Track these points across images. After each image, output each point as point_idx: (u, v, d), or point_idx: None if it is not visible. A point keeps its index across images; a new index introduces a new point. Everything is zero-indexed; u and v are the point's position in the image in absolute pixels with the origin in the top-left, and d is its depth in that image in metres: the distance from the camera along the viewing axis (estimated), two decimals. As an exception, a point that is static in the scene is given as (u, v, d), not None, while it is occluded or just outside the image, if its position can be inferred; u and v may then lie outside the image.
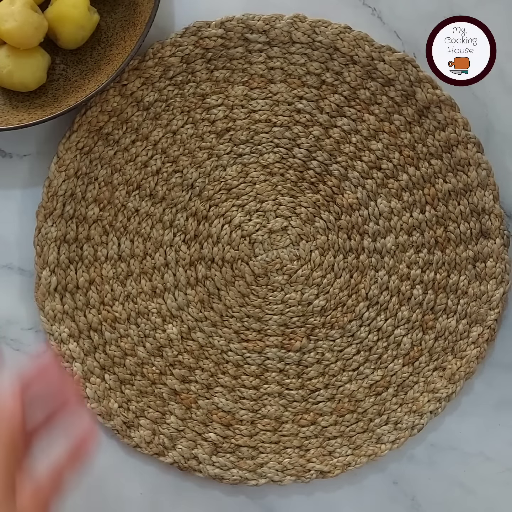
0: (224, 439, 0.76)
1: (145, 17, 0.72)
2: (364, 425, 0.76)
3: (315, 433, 0.76)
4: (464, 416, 0.77)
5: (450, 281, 0.76)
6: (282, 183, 0.77)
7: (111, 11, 0.76)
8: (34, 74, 0.73)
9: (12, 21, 0.70)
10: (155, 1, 0.71)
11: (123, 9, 0.75)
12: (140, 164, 0.76)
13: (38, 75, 0.73)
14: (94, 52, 0.75)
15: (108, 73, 0.73)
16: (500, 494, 0.78)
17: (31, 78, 0.73)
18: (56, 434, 0.61)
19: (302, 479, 0.76)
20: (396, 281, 0.76)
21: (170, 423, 0.76)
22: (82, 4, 0.72)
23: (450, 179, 0.75)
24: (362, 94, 0.75)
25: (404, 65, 0.74)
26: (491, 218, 0.75)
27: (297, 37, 0.75)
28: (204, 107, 0.76)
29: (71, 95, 0.74)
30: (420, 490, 0.78)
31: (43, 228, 0.75)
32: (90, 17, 0.73)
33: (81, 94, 0.73)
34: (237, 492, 0.77)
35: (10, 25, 0.70)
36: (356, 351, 0.77)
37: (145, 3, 0.73)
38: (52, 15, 0.73)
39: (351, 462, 0.76)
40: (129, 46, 0.73)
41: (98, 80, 0.73)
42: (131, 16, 0.74)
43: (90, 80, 0.74)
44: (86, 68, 0.75)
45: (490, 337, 0.76)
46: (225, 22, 0.75)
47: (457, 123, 0.74)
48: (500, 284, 0.76)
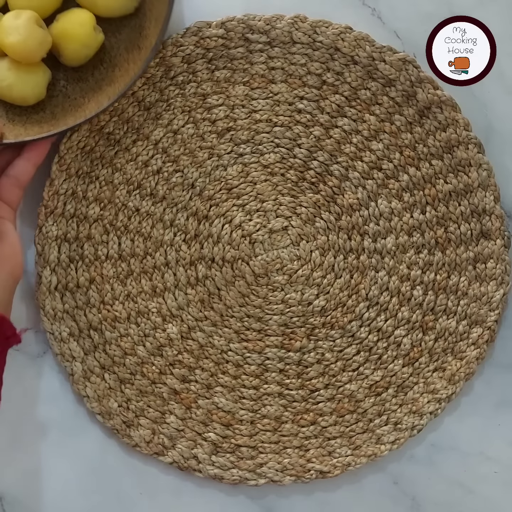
0: (224, 439, 0.76)
1: (150, 41, 0.72)
2: (364, 425, 0.76)
3: (315, 433, 0.76)
4: (464, 417, 0.77)
5: (450, 282, 0.76)
6: (282, 183, 0.77)
7: (116, 32, 0.75)
8: (34, 89, 0.72)
9: (16, 34, 0.70)
10: (162, 26, 0.71)
11: (128, 30, 0.75)
12: (141, 164, 0.76)
13: (38, 90, 0.73)
14: (96, 71, 0.75)
15: (109, 95, 0.72)
16: (500, 494, 0.78)
17: (31, 93, 0.73)
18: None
19: (302, 479, 0.76)
20: (396, 281, 0.76)
21: (170, 423, 0.76)
22: (88, 22, 0.72)
23: (450, 179, 0.75)
24: (363, 94, 0.75)
25: (405, 66, 0.74)
26: (491, 219, 0.75)
27: (298, 37, 0.75)
28: (205, 107, 0.76)
29: (69, 114, 0.73)
30: (420, 490, 0.78)
31: (44, 227, 0.75)
32: (95, 36, 0.73)
33: (80, 113, 0.73)
34: (237, 492, 0.77)
35: (14, 39, 0.70)
36: (356, 351, 0.77)
37: (151, 27, 0.72)
38: (57, 32, 0.72)
39: (350, 463, 0.76)
40: (132, 69, 0.72)
41: (98, 101, 0.73)
42: (137, 38, 0.74)
43: (90, 100, 0.73)
44: (86, 87, 0.74)
45: (490, 338, 0.76)
46: (226, 22, 0.75)
47: (458, 123, 0.74)
48: (500, 285, 0.75)
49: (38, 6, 0.72)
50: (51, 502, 0.76)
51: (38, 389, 0.77)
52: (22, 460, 0.77)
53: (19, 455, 0.77)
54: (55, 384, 0.77)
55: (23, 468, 0.77)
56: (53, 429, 0.77)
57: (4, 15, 0.71)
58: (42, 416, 0.77)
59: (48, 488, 0.77)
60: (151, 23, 0.73)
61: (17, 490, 0.77)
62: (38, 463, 0.77)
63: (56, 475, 0.76)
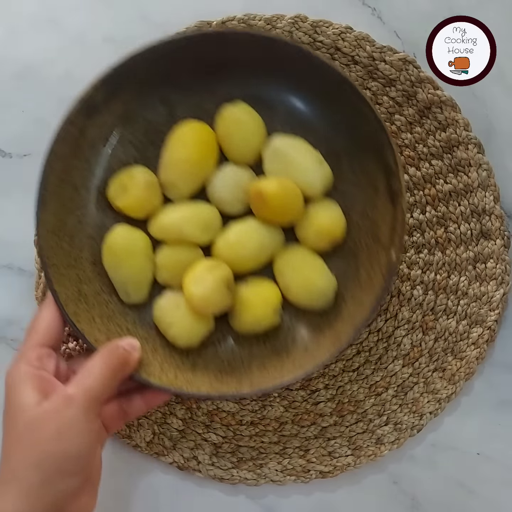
0: (224, 439, 0.76)
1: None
2: (364, 425, 0.76)
3: (315, 433, 0.76)
4: (464, 416, 0.77)
5: (450, 281, 0.76)
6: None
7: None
8: (191, 337, 0.70)
9: (202, 288, 0.67)
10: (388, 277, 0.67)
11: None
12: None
13: (194, 339, 0.71)
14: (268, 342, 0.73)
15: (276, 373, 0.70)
16: (500, 494, 0.78)
17: (185, 339, 0.70)
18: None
19: (302, 479, 0.76)
20: (396, 281, 0.76)
21: (171, 423, 0.76)
22: (273, 303, 0.70)
23: (450, 179, 0.75)
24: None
25: (405, 66, 0.74)
26: (491, 219, 0.75)
27: (298, 37, 0.75)
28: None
29: (234, 373, 0.71)
30: (420, 490, 0.78)
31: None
32: (271, 318, 0.71)
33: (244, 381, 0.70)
34: (237, 492, 0.77)
35: (197, 291, 0.68)
36: (356, 351, 0.77)
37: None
38: (239, 295, 0.70)
39: (351, 463, 0.76)
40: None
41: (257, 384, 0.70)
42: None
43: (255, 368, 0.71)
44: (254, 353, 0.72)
45: (490, 338, 0.76)
46: (226, 22, 0.75)
47: (458, 123, 0.74)
48: (500, 285, 0.75)
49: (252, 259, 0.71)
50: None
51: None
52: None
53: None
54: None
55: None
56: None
57: (201, 261, 0.70)
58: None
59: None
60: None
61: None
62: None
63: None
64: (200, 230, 0.70)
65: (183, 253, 0.70)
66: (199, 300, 0.68)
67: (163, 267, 0.71)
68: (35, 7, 0.76)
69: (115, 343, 0.65)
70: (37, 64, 0.76)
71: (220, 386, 0.69)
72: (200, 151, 0.70)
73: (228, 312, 0.71)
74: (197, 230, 0.70)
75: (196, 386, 0.69)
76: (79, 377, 0.62)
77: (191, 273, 0.69)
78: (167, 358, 0.70)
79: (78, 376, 0.62)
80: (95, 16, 0.76)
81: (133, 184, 0.70)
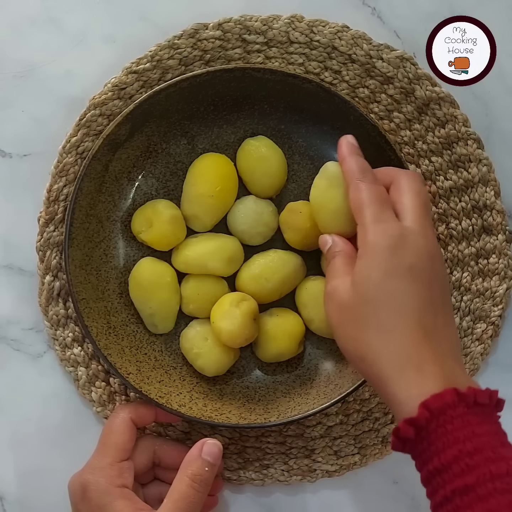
0: (230, 441, 0.75)
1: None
2: (370, 423, 0.76)
3: (321, 433, 0.76)
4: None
5: (453, 278, 0.76)
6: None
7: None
8: (219, 367, 0.72)
9: (230, 323, 0.69)
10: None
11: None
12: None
13: (222, 369, 0.72)
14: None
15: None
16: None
17: (213, 369, 0.72)
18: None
19: (308, 479, 0.75)
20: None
21: (176, 425, 0.75)
22: (297, 336, 0.72)
23: (451, 176, 0.76)
24: (361, 92, 0.76)
25: (403, 63, 0.75)
26: (493, 214, 0.75)
27: (295, 37, 0.75)
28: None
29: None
30: (420, 490, 0.77)
31: (45, 233, 0.74)
32: (295, 349, 0.73)
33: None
34: (241, 491, 0.77)
35: (226, 326, 0.69)
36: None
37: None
38: (263, 326, 0.72)
39: (357, 461, 0.76)
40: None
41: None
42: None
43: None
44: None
45: (494, 333, 0.76)
46: (222, 23, 0.75)
47: (457, 119, 0.75)
48: (503, 280, 0.76)
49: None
50: (51, 502, 0.75)
51: (38, 389, 0.76)
52: (22, 460, 0.76)
53: (19, 455, 0.76)
54: (55, 384, 0.76)
55: (23, 468, 0.76)
56: (53, 429, 0.76)
57: (228, 295, 0.71)
58: (42, 416, 0.76)
59: (48, 488, 0.76)
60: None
61: (17, 490, 0.76)
62: (38, 463, 0.76)
63: (56, 475, 0.74)
64: (224, 264, 0.71)
65: (208, 285, 0.72)
66: (228, 334, 0.69)
67: (189, 299, 0.72)
68: (35, 7, 0.76)
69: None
70: (37, 64, 0.76)
71: (249, 415, 0.71)
72: (222, 185, 0.72)
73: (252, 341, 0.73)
74: (221, 264, 0.71)
75: (225, 416, 0.70)
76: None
77: (218, 307, 0.70)
78: (196, 387, 0.72)
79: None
80: (95, 16, 0.76)
81: (157, 219, 0.71)
